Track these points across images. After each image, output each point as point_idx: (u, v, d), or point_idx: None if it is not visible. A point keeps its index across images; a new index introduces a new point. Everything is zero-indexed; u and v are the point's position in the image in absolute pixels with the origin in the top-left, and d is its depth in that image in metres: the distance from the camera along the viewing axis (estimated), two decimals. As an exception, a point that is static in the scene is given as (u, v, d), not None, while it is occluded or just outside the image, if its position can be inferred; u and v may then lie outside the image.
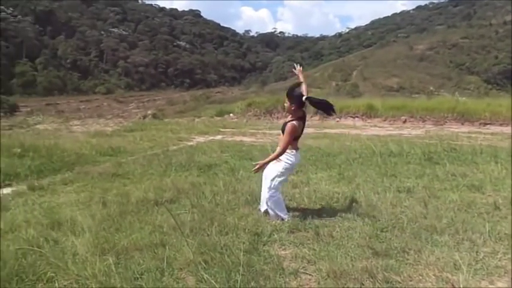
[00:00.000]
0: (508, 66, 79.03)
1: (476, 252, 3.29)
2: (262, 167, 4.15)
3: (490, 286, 2.81)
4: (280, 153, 4.08)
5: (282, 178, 4.25)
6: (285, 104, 4.23)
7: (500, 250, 3.32)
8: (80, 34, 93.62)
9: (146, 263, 3.17)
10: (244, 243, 3.54)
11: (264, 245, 3.60)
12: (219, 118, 20.04)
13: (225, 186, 5.51)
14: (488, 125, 15.69)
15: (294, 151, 4.21)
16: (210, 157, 8.11)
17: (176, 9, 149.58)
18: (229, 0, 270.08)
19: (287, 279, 2.96)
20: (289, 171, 4.31)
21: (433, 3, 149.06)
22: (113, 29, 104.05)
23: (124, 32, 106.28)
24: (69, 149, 8.55)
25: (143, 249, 3.43)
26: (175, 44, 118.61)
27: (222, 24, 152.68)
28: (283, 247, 3.58)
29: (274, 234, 3.82)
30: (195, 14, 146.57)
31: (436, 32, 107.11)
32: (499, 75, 78.56)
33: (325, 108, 4.16)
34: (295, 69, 4.69)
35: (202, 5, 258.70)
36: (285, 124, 4.18)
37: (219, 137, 12.24)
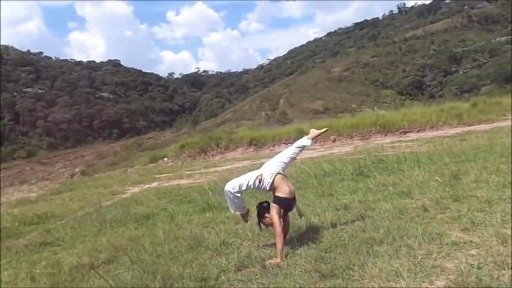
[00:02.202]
0: (416, 77, 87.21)
1: (414, 256, 3.43)
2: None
3: (430, 287, 2.92)
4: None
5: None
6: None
7: (434, 250, 3.50)
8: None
9: (85, 337, 2.89)
10: (191, 292, 3.38)
11: (211, 289, 3.47)
12: (153, 164, 19.52)
13: (165, 235, 5.30)
14: (408, 133, 16.99)
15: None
16: (147, 207, 7.81)
17: (94, 61, 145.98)
18: (148, 47, 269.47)
19: (239, 322, 2.86)
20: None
21: (341, 28, 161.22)
22: (27, 89, 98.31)
23: (40, 91, 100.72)
24: (-14, 225, 7.75)
25: (81, 322, 3.14)
26: (97, 95, 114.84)
27: (144, 70, 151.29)
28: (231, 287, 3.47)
29: (221, 276, 3.71)
30: (115, 63, 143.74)
31: (349, 54, 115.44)
32: (409, 86, 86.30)
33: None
34: None
35: (121, 54, 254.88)
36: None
37: (154, 184, 11.86)
